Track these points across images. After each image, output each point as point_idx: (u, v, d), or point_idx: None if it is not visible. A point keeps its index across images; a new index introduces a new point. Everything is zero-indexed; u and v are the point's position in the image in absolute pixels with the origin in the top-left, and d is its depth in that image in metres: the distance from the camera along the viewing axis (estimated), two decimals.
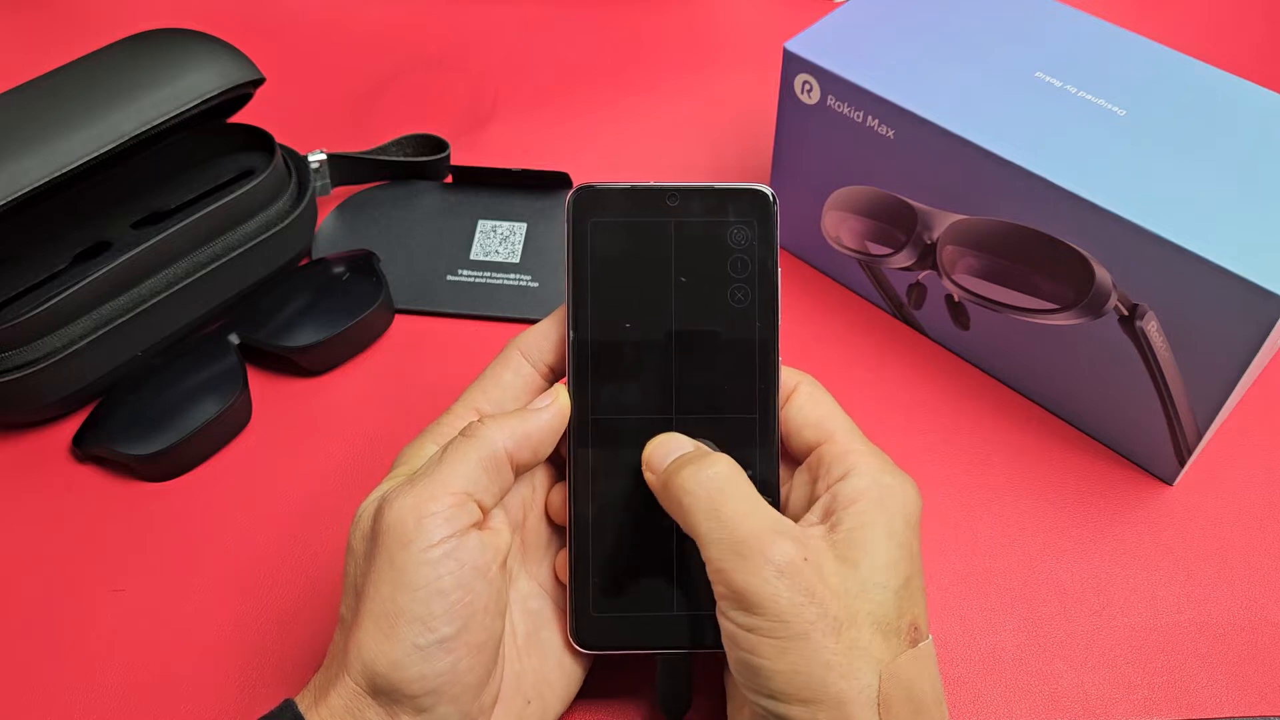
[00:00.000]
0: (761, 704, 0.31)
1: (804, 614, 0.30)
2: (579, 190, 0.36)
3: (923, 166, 0.46)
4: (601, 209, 0.36)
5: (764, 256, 0.36)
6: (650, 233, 0.36)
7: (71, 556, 0.44)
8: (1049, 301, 0.45)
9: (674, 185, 0.36)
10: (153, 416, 0.46)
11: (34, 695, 0.40)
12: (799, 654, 0.30)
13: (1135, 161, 0.43)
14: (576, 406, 0.36)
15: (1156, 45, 0.48)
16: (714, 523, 0.32)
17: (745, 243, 0.36)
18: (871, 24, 0.49)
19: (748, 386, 0.36)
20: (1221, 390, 0.42)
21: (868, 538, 0.32)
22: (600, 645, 0.36)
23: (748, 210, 0.36)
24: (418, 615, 0.31)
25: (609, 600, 0.36)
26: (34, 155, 0.45)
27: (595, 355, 0.36)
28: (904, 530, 0.33)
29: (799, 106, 0.49)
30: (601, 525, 0.36)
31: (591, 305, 0.36)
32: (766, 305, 0.36)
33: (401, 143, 0.59)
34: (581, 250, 0.36)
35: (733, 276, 0.36)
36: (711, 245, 0.36)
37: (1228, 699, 0.40)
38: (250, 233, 0.51)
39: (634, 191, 0.36)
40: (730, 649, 0.32)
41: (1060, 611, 0.42)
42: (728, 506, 0.32)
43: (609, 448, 0.36)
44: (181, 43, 0.50)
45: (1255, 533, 0.45)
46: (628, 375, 0.36)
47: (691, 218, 0.36)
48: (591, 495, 0.36)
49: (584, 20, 0.71)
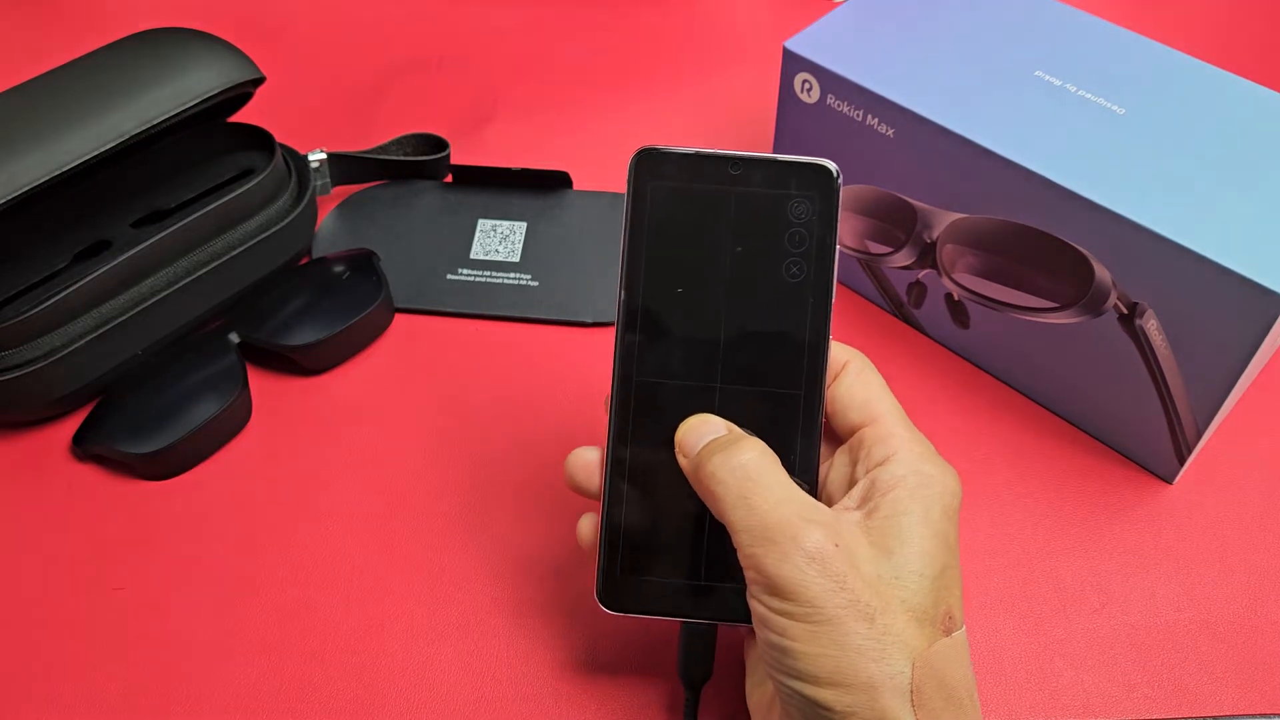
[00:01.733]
0: (791, 685, 0.31)
1: (834, 599, 0.30)
2: (642, 152, 0.36)
3: (922, 165, 0.46)
4: (663, 172, 0.36)
5: (823, 233, 0.35)
6: (709, 200, 0.36)
7: (71, 556, 0.44)
8: (1049, 300, 0.45)
9: (738, 154, 0.36)
10: (153, 415, 0.46)
11: (34, 695, 0.40)
12: (830, 638, 0.30)
13: (1135, 160, 0.43)
14: (622, 366, 0.36)
15: (1156, 44, 0.48)
16: (744, 511, 0.32)
17: (805, 217, 0.36)
18: (871, 23, 0.49)
19: (795, 362, 0.36)
20: (1221, 389, 0.42)
21: (904, 525, 0.32)
22: (626, 608, 0.36)
23: (810, 184, 0.36)
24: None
25: (638, 564, 0.36)
26: (34, 154, 0.45)
27: (644, 317, 0.36)
28: (941, 520, 0.33)
29: (799, 105, 0.49)
30: (636, 488, 0.36)
31: (645, 267, 0.36)
32: (821, 282, 0.36)
33: (401, 142, 0.59)
34: (640, 212, 0.36)
35: (789, 250, 0.36)
36: (771, 217, 0.36)
37: (1228, 697, 0.40)
38: (250, 232, 0.51)
39: (697, 158, 0.36)
40: (761, 631, 0.32)
41: (1060, 610, 0.42)
42: (758, 495, 0.32)
43: (649, 411, 0.36)
44: (181, 42, 0.50)
45: (1255, 531, 0.45)
46: (674, 340, 0.36)
47: (752, 188, 0.36)
48: (629, 457, 0.36)
49: (584, 20, 0.71)
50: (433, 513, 0.46)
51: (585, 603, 0.42)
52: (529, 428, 0.48)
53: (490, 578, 0.43)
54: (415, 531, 0.45)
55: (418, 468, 0.47)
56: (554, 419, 0.49)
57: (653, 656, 0.41)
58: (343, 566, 0.44)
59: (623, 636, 0.41)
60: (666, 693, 0.40)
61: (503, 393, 0.50)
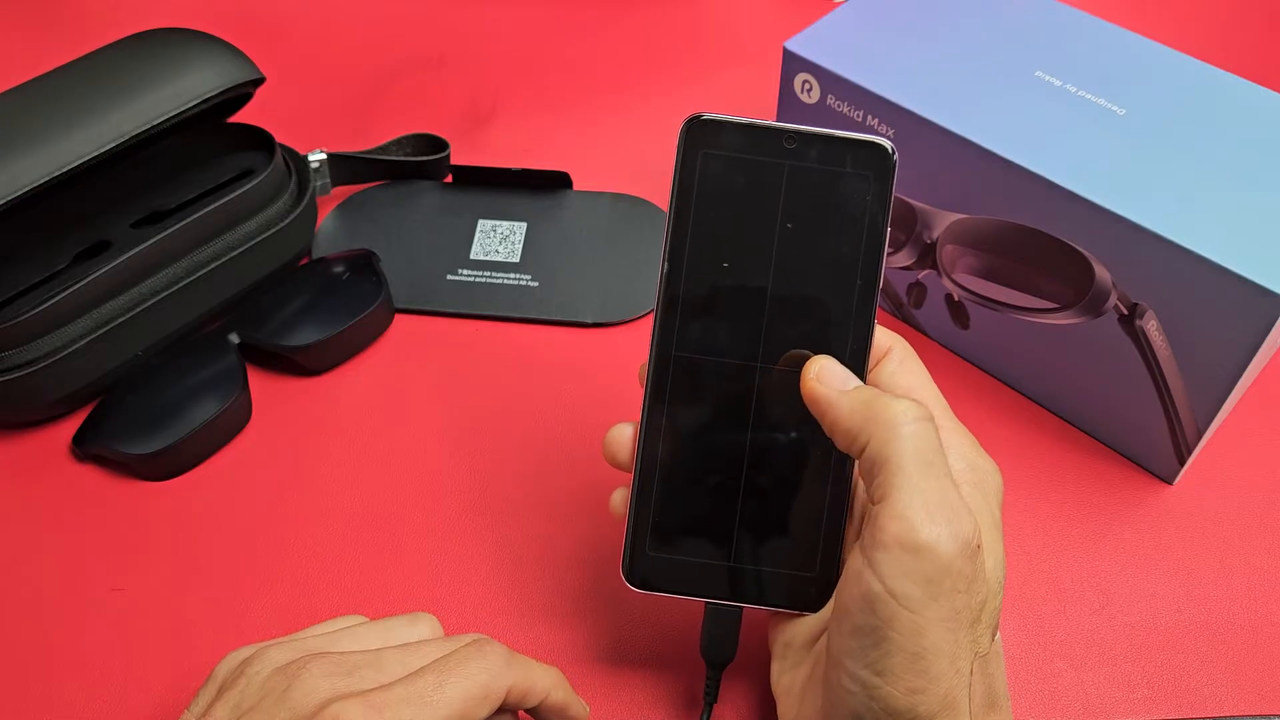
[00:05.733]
0: (860, 675, 0.30)
1: (955, 601, 0.29)
2: (693, 119, 0.35)
3: (922, 165, 0.46)
4: (714, 142, 0.35)
5: (875, 212, 0.34)
6: (761, 173, 0.35)
7: (71, 556, 0.44)
8: (1049, 301, 0.45)
9: (793, 127, 0.35)
10: (153, 416, 0.46)
11: (34, 695, 0.40)
12: (934, 636, 0.29)
13: (1135, 161, 0.43)
14: (660, 339, 0.35)
15: (1156, 45, 0.48)
16: (921, 473, 0.30)
17: (858, 195, 0.34)
18: (871, 23, 0.49)
19: (840, 343, 0.35)
20: (1221, 389, 0.42)
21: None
22: (653, 586, 0.35)
23: (865, 163, 0.34)
24: None
25: (667, 542, 0.35)
26: (34, 155, 0.45)
27: (687, 290, 0.35)
28: (998, 514, 0.32)
29: (799, 106, 0.49)
30: (670, 464, 0.35)
31: (691, 239, 0.35)
32: (870, 262, 0.35)
33: (401, 142, 0.59)
34: (688, 182, 0.35)
35: (841, 228, 0.35)
36: (823, 194, 0.35)
37: (1228, 698, 0.40)
38: (250, 232, 0.51)
39: (750, 128, 0.35)
40: (859, 609, 0.30)
41: (1060, 610, 0.42)
42: (940, 462, 0.30)
43: (688, 386, 0.35)
44: (181, 42, 0.50)
45: (1255, 531, 0.45)
46: (717, 315, 0.35)
47: (807, 163, 0.35)
48: (664, 432, 0.35)
49: (584, 20, 0.71)
50: (433, 513, 0.46)
51: (587, 601, 0.43)
52: (529, 428, 0.48)
53: (491, 577, 0.43)
54: (415, 531, 0.45)
55: (417, 468, 0.47)
56: (554, 419, 0.49)
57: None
58: (343, 567, 0.44)
59: (623, 633, 0.41)
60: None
61: (503, 393, 0.50)
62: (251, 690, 0.31)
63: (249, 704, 0.31)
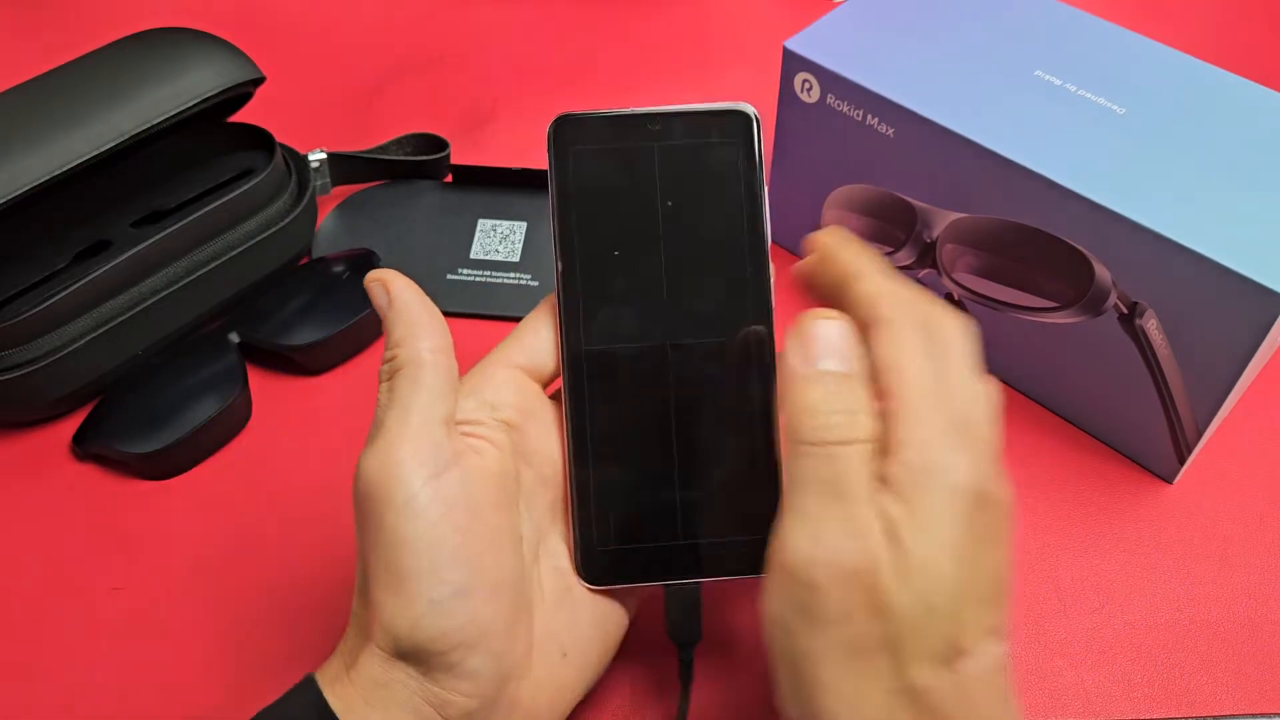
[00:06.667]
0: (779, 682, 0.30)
1: (845, 631, 0.29)
2: (559, 120, 0.36)
3: (922, 165, 0.46)
4: (582, 138, 0.36)
5: (749, 176, 0.36)
6: (633, 159, 0.36)
7: (71, 555, 0.44)
8: (1049, 300, 0.45)
9: (654, 110, 0.36)
10: (153, 415, 0.46)
11: (34, 694, 0.40)
12: (828, 667, 0.29)
13: (1135, 160, 0.43)
14: (568, 340, 0.36)
15: (1156, 44, 0.48)
16: (817, 496, 0.29)
17: (728, 161, 0.36)
18: (871, 23, 0.49)
19: (740, 306, 0.35)
20: (1221, 388, 0.42)
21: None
22: (609, 580, 0.36)
23: (730, 131, 0.36)
24: (424, 570, 0.31)
25: (614, 534, 0.35)
26: (34, 154, 0.45)
27: (584, 285, 0.36)
28: (978, 533, 0.32)
29: (799, 105, 0.49)
30: (601, 458, 0.35)
31: (577, 235, 0.36)
32: (754, 225, 0.35)
33: (401, 142, 0.59)
34: (564, 180, 0.36)
35: (718, 196, 0.36)
36: (695, 167, 0.36)
37: (1228, 697, 0.40)
38: (250, 232, 0.51)
39: (614, 119, 0.36)
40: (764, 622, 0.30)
41: (1060, 610, 0.42)
42: (849, 481, 0.29)
43: (604, 378, 0.35)
44: (181, 42, 0.50)
45: (1255, 530, 0.45)
46: (618, 303, 0.36)
47: (674, 141, 0.36)
48: (588, 428, 0.35)
49: (584, 20, 0.71)
50: None
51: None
52: None
53: None
54: None
55: None
56: None
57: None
58: (343, 567, 0.44)
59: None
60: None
61: None
62: None
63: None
